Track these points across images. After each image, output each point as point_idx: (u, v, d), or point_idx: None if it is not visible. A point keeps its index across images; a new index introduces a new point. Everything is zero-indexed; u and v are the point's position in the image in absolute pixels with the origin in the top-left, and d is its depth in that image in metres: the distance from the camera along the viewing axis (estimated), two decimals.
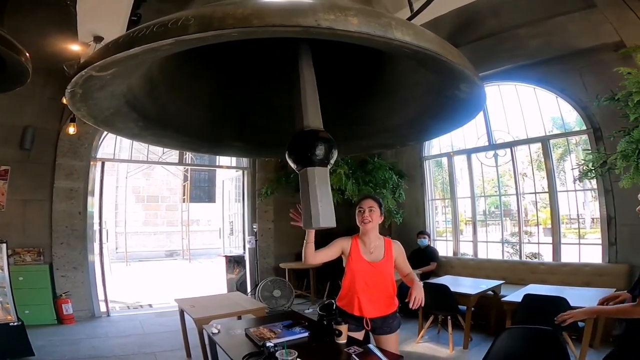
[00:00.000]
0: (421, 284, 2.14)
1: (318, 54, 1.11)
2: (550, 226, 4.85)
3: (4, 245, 3.90)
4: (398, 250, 2.29)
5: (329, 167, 0.81)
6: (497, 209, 6.02)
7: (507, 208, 6.56)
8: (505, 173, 5.75)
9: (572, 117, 4.79)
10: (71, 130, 4.51)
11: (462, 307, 3.75)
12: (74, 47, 3.91)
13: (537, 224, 5.36)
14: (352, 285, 2.23)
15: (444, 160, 6.03)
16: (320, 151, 0.78)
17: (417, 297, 2.03)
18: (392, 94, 1.15)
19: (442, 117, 1.08)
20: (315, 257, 2.16)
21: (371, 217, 2.21)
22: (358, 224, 2.25)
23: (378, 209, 2.25)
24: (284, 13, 0.59)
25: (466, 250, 5.72)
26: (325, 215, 0.78)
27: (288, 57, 1.01)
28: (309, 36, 0.62)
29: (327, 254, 2.24)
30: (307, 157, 0.78)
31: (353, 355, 1.83)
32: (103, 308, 5.20)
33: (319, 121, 0.84)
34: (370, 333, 2.27)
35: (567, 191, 4.80)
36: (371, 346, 1.93)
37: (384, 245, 2.26)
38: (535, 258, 5.46)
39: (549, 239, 4.76)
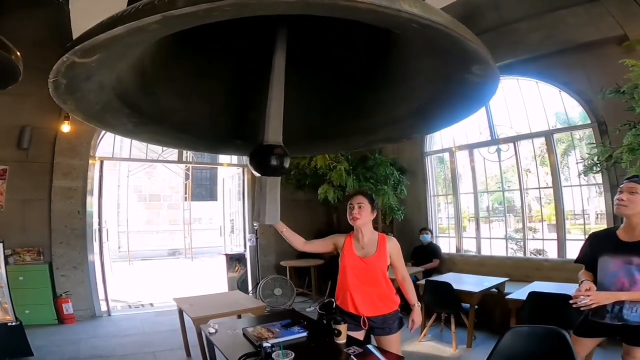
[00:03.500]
0: (419, 306, 2.30)
1: (318, 40, 1.06)
2: (554, 222, 4.79)
3: (1, 244, 3.85)
4: (393, 246, 2.23)
5: (280, 176, 0.95)
6: (500, 205, 5.94)
7: (510, 204, 6.49)
8: (508, 169, 5.67)
9: (575, 112, 4.71)
10: (65, 128, 4.39)
11: (465, 305, 3.69)
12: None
13: (542, 220, 5.29)
14: (344, 282, 2.20)
15: (446, 155, 5.95)
16: (274, 163, 0.90)
17: (416, 321, 2.25)
18: (397, 84, 1.11)
19: (450, 105, 1.03)
20: (304, 245, 2.27)
21: (360, 214, 2.17)
22: (349, 220, 2.22)
23: (368, 204, 2.21)
24: None
25: (469, 247, 5.65)
26: (271, 215, 0.93)
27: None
28: (309, 11, 0.58)
29: (318, 246, 2.33)
30: (263, 167, 0.91)
31: (352, 356, 1.78)
32: (104, 307, 5.18)
33: (279, 135, 0.93)
34: (371, 334, 2.23)
35: (571, 186, 4.72)
36: (370, 346, 1.88)
37: (378, 240, 2.21)
38: (540, 254, 5.39)
39: (554, 235, 4.69)
